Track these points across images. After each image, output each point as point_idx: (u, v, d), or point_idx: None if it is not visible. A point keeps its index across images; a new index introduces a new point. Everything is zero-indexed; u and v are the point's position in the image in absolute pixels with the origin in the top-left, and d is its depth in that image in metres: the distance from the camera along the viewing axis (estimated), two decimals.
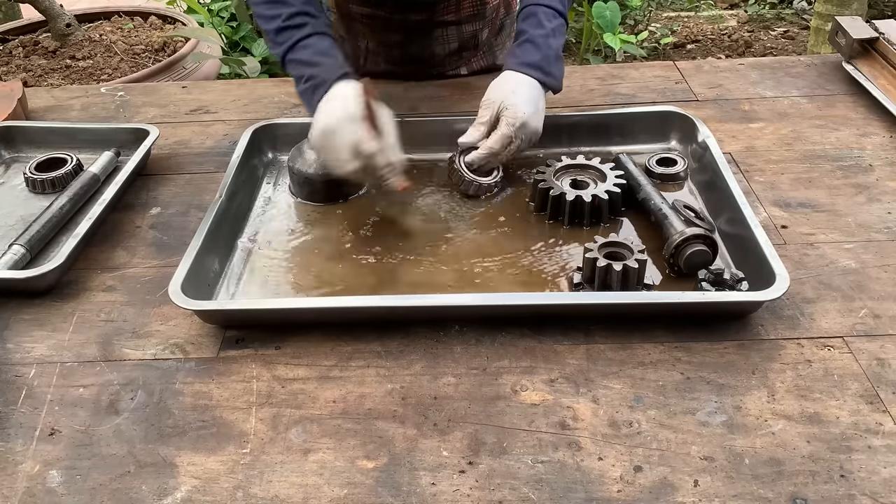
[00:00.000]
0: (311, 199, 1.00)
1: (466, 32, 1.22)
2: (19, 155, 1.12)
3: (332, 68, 0.92)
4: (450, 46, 1.23)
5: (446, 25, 1.20)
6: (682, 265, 0.82)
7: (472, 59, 1.27)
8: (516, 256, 0.88)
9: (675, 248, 0.82)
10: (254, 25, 2.85)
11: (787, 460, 0.64)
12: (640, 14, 3.57)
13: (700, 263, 0.82)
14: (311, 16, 0.97)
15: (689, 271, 0.82)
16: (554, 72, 0.97)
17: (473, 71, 1.28)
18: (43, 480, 0.65)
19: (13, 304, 0.84)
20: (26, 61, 2.36)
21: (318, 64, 0.94)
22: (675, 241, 0.82)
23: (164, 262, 0.90)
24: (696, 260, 0.82)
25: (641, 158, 1.02)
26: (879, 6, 3.49)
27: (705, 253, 0.82)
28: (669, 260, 0.84)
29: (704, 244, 0.82)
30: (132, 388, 0.74)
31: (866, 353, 0.74)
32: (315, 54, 0.95)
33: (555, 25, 0.98)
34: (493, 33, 1.26)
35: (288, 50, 0.96)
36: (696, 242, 0.81)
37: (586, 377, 0.73)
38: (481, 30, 1.23)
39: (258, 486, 0.64)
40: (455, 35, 1.22)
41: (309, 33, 0.95)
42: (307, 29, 0.96)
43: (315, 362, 0.76)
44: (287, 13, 0.96)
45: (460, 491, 0.63)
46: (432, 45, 1.22)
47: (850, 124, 1.11)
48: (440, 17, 1.19)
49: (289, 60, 0.97)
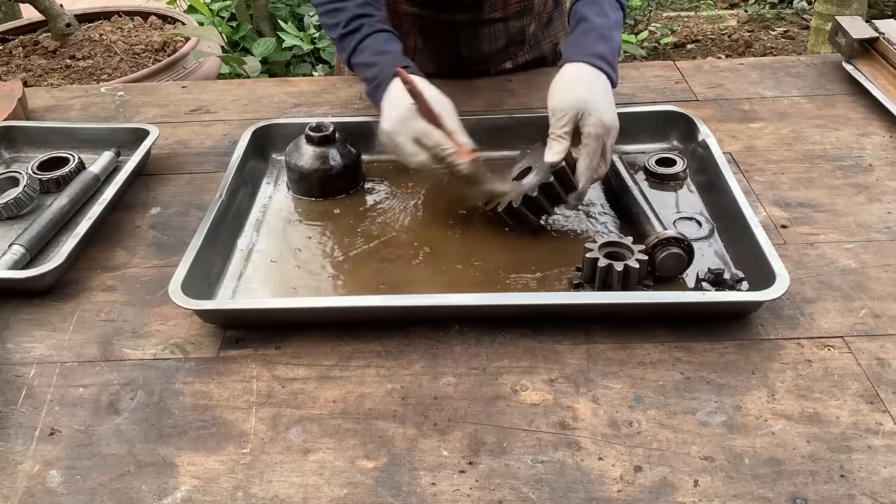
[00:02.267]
0: (309, 194, 1.00)
1: (514, 28, 1.22)
2: (20, 155, 1.12)
3: (388, 65, 0.93)
4: (497, 44, 1.23)
5: (494, 23, 1.20)
6: (657, 268, 0.82)
7: (519, 53, 1.27)
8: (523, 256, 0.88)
9: (651, 248, 0.82)
10: (254, 25, 2.85)
11: (787, 460, 0.64)
12: (640, 14, 3.57)
13: (675, 267, 0.81)
14: (367, 16, 0.98)
15: (664, 274, 0.82)
16: (616, 65, 0.92)
17: (519, 65, 1.28)
18: (43, 480, 0.65)
19: (13, 304, 0.84)
20: (26, 61, 2.36)
21: (375, 64, 0.95)
22: (650, 243, 0.82)
23: (164, 262, 0.90)
24: (669, 263, 0.81)
25: (641, 158, 1.03)
26: (879, 6, 3.49)
27: (679, 257, 0.81)
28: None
29: (679, 248, 0.81)
30: (132, 387, 0.74)
31: (866, 352, 0.74)
32: (372, 55, 0.96)
33: (617, 18, 0.95)
34: (541, 27, 1.26)
35: (350, 55, 0.98)
36: (670, 245, 0.81)
37: (586, 377, 0.73)
38: (528, 25, 1.23)
39: (258, 486, 0.64)
40: (502, 32, 1.22)
41: (365, 35, 0.97)
42: (364, 30, 0.97)
43: (315, 362, 0.76)
44: (345, 20, 0.98)
45: (460, 491, 0.63)
46: (480, 43, 1.22)
47: (850, 124, 1.11)
48: (487, 14, 1.18)
49: (353, 65, 0.99)
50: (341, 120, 1.10)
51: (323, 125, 1.00)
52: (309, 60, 2.86)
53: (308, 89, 1.28)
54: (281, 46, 2.72)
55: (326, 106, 1.22)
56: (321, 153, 0.98)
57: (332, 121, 1.02)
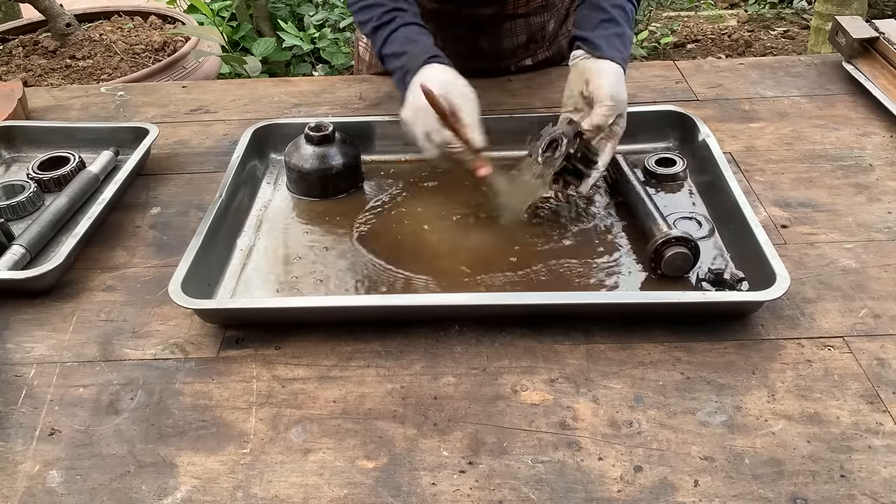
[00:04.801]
0: (308, 194, 1.00)
1: (535, 25, 1.22)
2: (20, 155, 1.12)
3: (417, 56, 0.94)
4: (518, 39, 1.23)
5: (515, 18, 1.20)
6: (663, 267, 0.82)
7: (539, 50, 1.27)
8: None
9: (655, 249, 0.82)
10: (254, 25, 2.85)
11: (787, 460, 0.64)
12: (640, 14, 3.57)
13: (681, 267, 0.81)
14: (400, 10, 1.00)
15: (670, 273, 0.82)
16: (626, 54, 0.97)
17: (538, 62, 1.28)
18: (43, 480, 0.65)
19: (13, 304, 0.84)
20: (26, 61, 2.36)
21: (404, 53, 0.96)
22: (657, 241, 0.82)
23: (164, 262, 0.90)
24: (677, 262, 0.81)
25: (641, 158, 1.02)
26: (879, 6, 3.49)
27: (686, 256, 0.81)
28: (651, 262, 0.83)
29: (686, 248, 0.81)
30: (132, 387, 0.74)
31: (866, 352, 0.74)
32: (402, 44, 0.97)
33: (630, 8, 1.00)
34: (559, 23, 1.26)
35: (381, 47, 0.99)
36: (677, 245, 0.81)
37: (586, 377, 0.73)
38: (548, 21, 1.23)
39: (258, 486, 0.64)
40: (524, 28, 1.22)
41: (397, 27, 0.98)
42: (396, 23, 0.99)
43: (315, 362, 0.76)
44: (378, 14, 0.99)
45: (460, 491, 0.63)
46: (501, 38, 1.22)
47: (851, 124, 1.11)
48: (510, 10, 1.19)
49: (384, 56, 1.00)
50: (341, 120, 1.10)
51: (323, 125, 1.00)
52: (309, 60, 2.86)
53: (308, 89, 1.28)
54: (281, 46, 2.73)
55: (326, 106, 1.22)
56: (321, 153, 0.98)
57: (331, 121, 1.02)
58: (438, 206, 0.97)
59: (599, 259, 0.87)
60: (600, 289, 0.83)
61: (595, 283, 0.84)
